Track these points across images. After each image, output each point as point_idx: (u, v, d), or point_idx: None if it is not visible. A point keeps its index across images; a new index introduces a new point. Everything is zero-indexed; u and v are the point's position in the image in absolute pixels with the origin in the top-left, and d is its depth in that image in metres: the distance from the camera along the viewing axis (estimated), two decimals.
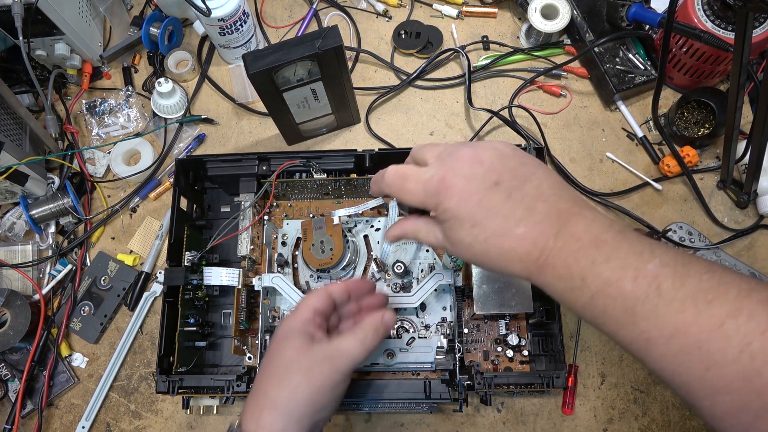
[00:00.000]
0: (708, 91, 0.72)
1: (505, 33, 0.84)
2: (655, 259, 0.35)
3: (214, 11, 0.71)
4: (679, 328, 0.32)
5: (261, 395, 0.45)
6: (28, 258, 0.75)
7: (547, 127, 0.78)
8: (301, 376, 0.44)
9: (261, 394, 0.45)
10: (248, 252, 0.67)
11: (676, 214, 0.73)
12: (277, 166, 0.68)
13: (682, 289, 0.33)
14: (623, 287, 0.35)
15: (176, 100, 0.79)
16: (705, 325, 0.32)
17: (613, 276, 0.35)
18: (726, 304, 0.32)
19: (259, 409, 0.44)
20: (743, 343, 0.30)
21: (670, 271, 0.34)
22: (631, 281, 0.34)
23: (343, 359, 0.46)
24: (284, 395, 0.44)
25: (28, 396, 0.70)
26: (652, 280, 0.34)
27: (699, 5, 0.69)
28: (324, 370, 0.45)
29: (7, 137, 0.69)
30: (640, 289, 0.34)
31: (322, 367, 0.45)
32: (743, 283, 0.32)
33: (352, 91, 0.73)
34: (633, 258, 0.35)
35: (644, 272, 0.34)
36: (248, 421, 0.44)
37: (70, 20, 0.75)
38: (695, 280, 0.33)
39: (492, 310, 0.63)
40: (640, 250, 0.36)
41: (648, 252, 0.35)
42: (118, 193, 0.79)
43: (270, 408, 0.43)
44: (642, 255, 0.35)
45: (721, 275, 0.33)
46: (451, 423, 0.67)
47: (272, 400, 0.44)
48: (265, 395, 0.44)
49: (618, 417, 0.66)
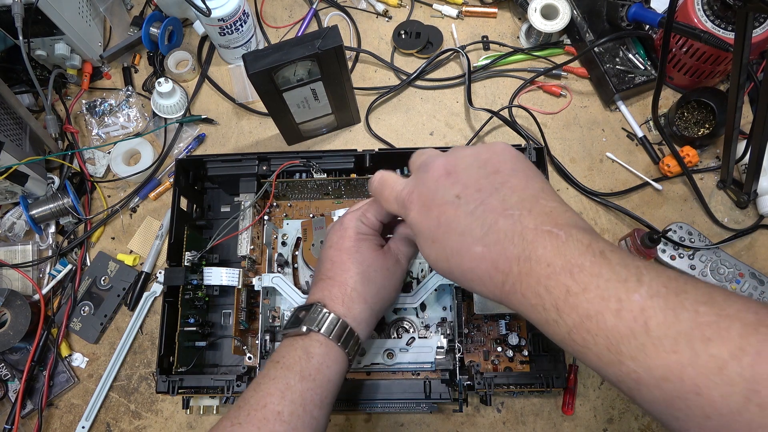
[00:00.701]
0: (708, 91, 0.72)
1: (505, 33, 0.84)
2: (642, 287, 0.29)
3: (214, 11, 0.71)
4: (672, 370, 0.28)
5: (345, 287, 0.48)
6: (28, 258, 0.75)
7: (547, 127, 0.78)
8: (383, 276, 0.50)
9: (346, 287, 0.48)
10: (248, 252, 0.67)
11: (676, 214, 0.73)
12: (277, 166, 0.68)
13: (675, 326, 0.28)
14: (604, 322, 0.30)
15: (176, 100, 0.79)
16: (703, 368, 0.27)
17: (592, 308, 0.30)
18: (728, 342, 0.27)
19: (349, 299, 0.48)
20: (749, 390, 0.26)
21: (661, 303, 0.29)
22: (613, 315, 0.29)
23: (408, 258, 0.52)
24: (372, 292, 0.49)
25: (28, 396, 0.70)
26: (639, 313, 0.29)
27: (699, 5, 0.69)
28: (396, 270, 0.51)
29: (7, 137, 0.69)
30: (624, 324, 0.29)
31: (395, 268, 0.51)
32: (749, 315, 0.27)
33: (352, 91, 0.73)
34: (615, 287, 0.30)
35: (629, 304, 0.29)
36: (336, 304, 0.48)
37: (70, 20, 0.75)
38: (690, 313, 0.28)
39: (492, 310, 0.63)
40: (625, 276, 0.30)
41: (634, 279, 0.30)
42: (118, 193, 0.79)
43: (360, 301, 0.48)
44: (627, 282, 0.30)
45: (723, 305, 0.28)
46: (451, 423, 0.67)
47: (361, 294, 0.48)
48: (353, 289, 0.48)
49: (618, 417, 0.66)
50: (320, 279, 0.50)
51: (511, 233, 0.34)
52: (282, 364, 0.45)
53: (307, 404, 0.44)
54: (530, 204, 0.35)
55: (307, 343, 0.46)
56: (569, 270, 0.31)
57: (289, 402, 0.43)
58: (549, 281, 0.32)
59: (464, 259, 0.36)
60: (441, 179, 0.39)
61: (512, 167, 0.38)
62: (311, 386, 0.44)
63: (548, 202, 0.36)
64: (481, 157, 0.39)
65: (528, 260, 0.33)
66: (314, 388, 0.45)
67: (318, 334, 0.46)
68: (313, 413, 0.44)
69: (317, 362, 0.46)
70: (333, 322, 0.47)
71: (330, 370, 0.46)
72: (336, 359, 0.47)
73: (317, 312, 0.47)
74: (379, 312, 0.51)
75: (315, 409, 0.44)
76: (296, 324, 0.47)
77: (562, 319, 0.32)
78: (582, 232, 0.33)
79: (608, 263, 0.31)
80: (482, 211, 0.36)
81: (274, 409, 0.42)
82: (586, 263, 0.31)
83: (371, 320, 0.50)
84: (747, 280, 0.68)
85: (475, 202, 0.36)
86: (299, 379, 0.44)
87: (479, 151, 0.39)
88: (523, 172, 0.38)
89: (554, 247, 0.32)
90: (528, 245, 0.33)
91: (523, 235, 0.34)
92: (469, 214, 0.36)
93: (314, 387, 0.45)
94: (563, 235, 0.33)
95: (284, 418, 0.42)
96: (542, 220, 0.34)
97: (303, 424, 0.43)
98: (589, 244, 0.32)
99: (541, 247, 0.33)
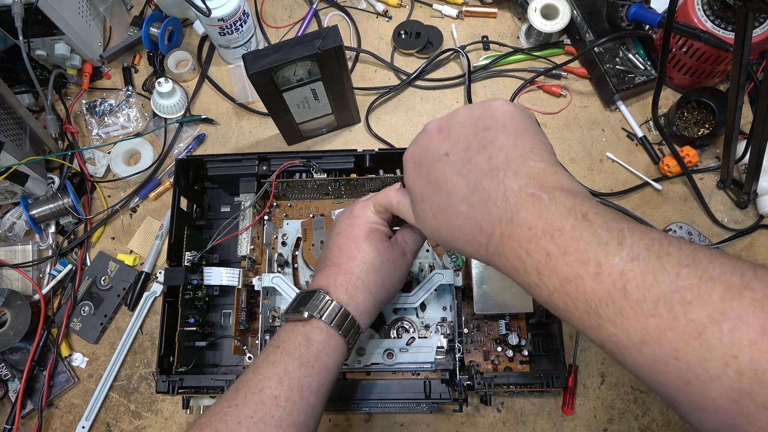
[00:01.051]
0: (708, 91, 0.72)
1: (505, 33, 0.84)
2: (623, 251, 0.29)
3: (214, 11, 0.71)
4: (651, 334, 0.27)
5: (350, 276, 0.48)
6: (28, 258, 0.75)
7: (547, 127, 0.78)
8: (388, 268, 0.49)
9: (351, 275, 0.48)
10: (248, 252, 0.67)
11: (676, 214, 0.74)
12: (277, 166, 0.68)
13: (654, 289, 0.27)
14: (583, 286, 0.29)
15: (176, 100, 0.79)
16: (682, 332, 0.26)
17: (571, 272, 0.30)
18: (708, 306, 0.26)
19: (353, 288, 0.48)
20: (728, 356, 0.25)
21: (641, 265, 0.28)
22: (592, 279, 0.29)
23: (413, 252, 0.52)
24: (377, 283, 0.49)
25: (28, 396, 0.70)
26: (618, 277, 0.28)
27: (699, 5, 0.69)
28: (402, 263, 0.51)
29: (7, 137, 0.69)
30: (603, 288, 0.29)
31: (401, 261, 0.51)
32: (734, 278, 0.26)
33: (352, 91, 0.73)
34: (595, 250, 0.29)
35: (608, 267, 0.29)
36: (339, 292, 0.47)
37: (70, 20, 0.75)
38: (671, 276, 0.27)
39: (492, 310, 0.63)
40: (607, 239, 0.29)
41: (615, 242, 0.29)
42: (118, 193, 0.79)
43: (364, 291, 0.48)
44: (607, 246, 0.29)
45: (707, 267, 0.27)
46: (451, 423, 0.67)
47: (366, 284, 0.48)
48: (358, 278, 0.48)
49: (618, 417, 0.66)
50: (326, 265, 0.50)
51: (495, 194, 0.33)
52: (282, 349, 0.45)
53: (304, 390, 0.44)
54: (516, 164, 0.34)
55: (308, 330, 0.46)
56: (550, 233, 0.31)
57: (286, 387, 0.43)
58: (530, 245, 0.31)
59: (450, 216, 0.36)
60: (433, 135, 0.39)
61: (503, 123, 0.36)
62: (309, 373, 0.44)
63: (536, 162, 0.34)
64: (474, 114, 0.37)
65: (510, 223, 0.32)
66: (312, 374, 0.45)
67: (319, 321, 0.46)
68: (309, 400, 0.44)
69: (317, 349, 0.45)
70: (335, 310, 0.46)
71: (329, 358, 0.46)
72: (335, 348, 0.47)
73: (320, 298, 0.47)
74: (381, 303, 0.51)
75: (311, 396, 0.44)
76: (298, 309, 0.47)
77: (543, 283, 0.31)
78: (567, 194, 0.32)
79: (590, 226, 0.30)
80: (468, 170, 0.35)
81: (271, 394, 0.42)
82: (567, 226, 0.30)
83: (373, 311, 0.50)
84: None
85: (462, 160, 0.36)
86: (298, 365, 0.44)
87: (473, 107, 0.38)
88: (514, 129, 0.36)
89: (536, 210, 0.32)
90: (511, 207, 0.33)
91: (506, 197, 0.33)
92: (455, 173, 0.36)
93: (312, 374, 0.45)
94: (546, 197, 0.32)
95: (280, 403, 0.42)
96: (527, 182, 0.33)
97: (299, 410, 0.43)
98: (572, 207, 0.31)
99: (524, 210, 0.32)
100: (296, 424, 0.43)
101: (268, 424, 0.41)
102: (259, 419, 0.41)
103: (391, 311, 0.67)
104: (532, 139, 0.36)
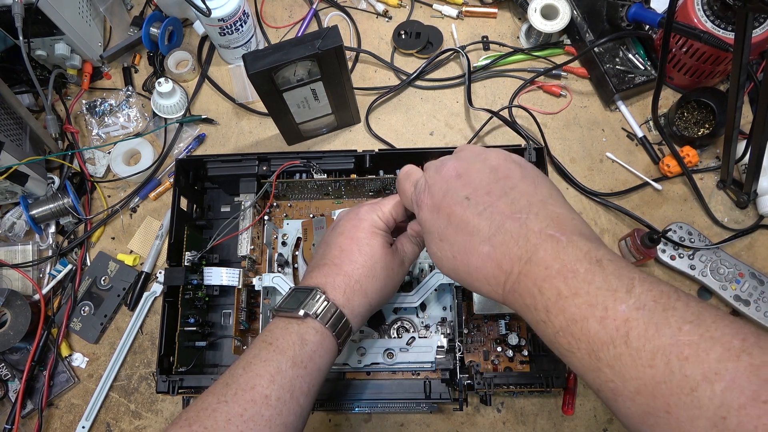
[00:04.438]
0: (708, 91, 0.72)
1: (505, 33, 0.84)
2: (631, 299, 0.30)
3: (214, 11, 0.71)
4: (646, 384, 0.28)
5: (350, 279, 0.48)
6: (28, 258, 0.75)
7: (547, 127, 0.78)
8: (386, 275, 0.50)
9: (349, 278, 0.48)
10: (248, 252, 0.67)
11: (676, 214, 0.74)
12: (277, 167, 0.68)
13: (655, 340, 0.28)
14: (588, 328, 0.30)
15: (176, 100, 0.79)
16: (676, 387, 0.27)
17: (579, 313, 0.31)
18: (703, 364, 0.26)
19: (351, 291, 0.48)
20: (717, 417, 0.25)
21: (645, 315, 0.29)
22: (597, 322, 0.30)
23: (411, 261, 0.53)
24: (375, 288, 0.49)
25: (28, 396, 0.70)
26: (622, 323, 0.29)
27: (699, 5, 0.69)
28: (400, 271, 0.52)
29: (7, 137, 0.69)
30: (606, 332, 0.30)
31: (399, 269, 0.51)
32: (735, 341, 0.27)
33: (352, 91, 0.73)
34: (604, 295, 0.30)
35: (614, 313, 0.30)
36: (337, 294, 0.47)
37: (70, 20, 0.75)
38: (673, 330, 0.28)
39: (492, 310, 0.63)
40: (616, 286, 0.31)
41: (624, 289, 0.30)
42: (118, 193, 0.79)
43: (361, 295, 0.48)
44: (616, 292, 0.30)
45: (710, 326, 0.28)
46: (451, 423, 0.67)
47: (364, 288, 0.48)
48: (357, 281, 0.48)
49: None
50: (325, 264, 0.50)
51: (517, 235, 0.35)
52: (275, 346, 0.45)
53: (295, 391, 0.44)
54: (537, 208, 0.36)
55: (303, 329, 0.46)
56: (564, 274, 0.32)
57: (278, 387, 0.43)
58: (544, 283, 0.33)
59: (471, 257, 0.38)
60: (452, 180, 0.40)
61: (522, 174, 0.39)
62: (302, 373, 0.44)
63: (556, 207, 0.37)
64: (491, 163, 0.40)
65: (528, 262, 0.34)
66: (304, 375, 0.44)
67: (315, 321, 0.46)
68: (299, 400, 0.44)
69: (311, 350, 0.45)
70: (332, 311, 0.46)
71: (322, 359, 0.46)
72: (328, 349, 0.47)
73: (317, 298, 0.46)
74: (375, 308, 0.51)
75: (302, 397, 0.44)
76: (293, 306, 0.47)
77: (550, 321, 0.33)
78: (584, 239, 0.34)
79: (602, 272, 0.32)
80: (491, 212, 0.37)
81: (263, 392, 0.42)
82: (581, 269, 0.32)
83: (366, 315, 0.50)
84: (747, 280, 0.68)
85: (484, 204, 0.38)
86: (291, 365, 0.44)
87: (488, 157, 0.41)
88: (532, 179, 0.39)
89: (554, 250, 0.33)
90: (531, 247, 0.34)
91: (527, 237, 0.35)
92: (477, 215, 0.37)
93: (304, 375, 0.44)
94: (564, 240, 0.34)
95: (271, 403, 0.42)
96: (547, 224, 0.35)
97: (289, 411, 0.43)
98: (588, 252, 0.33)
99: (542, 250, 0.34)
100: (286, 424, 0.42)
101: (258, 423, 0.41)
102: (249, 418, 0.41)
103: (391, 311, 0.67)
104: (549, 188, 0.39)
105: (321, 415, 0.68)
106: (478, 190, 0.39)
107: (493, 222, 0.37)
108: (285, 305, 0.48)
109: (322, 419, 0.68)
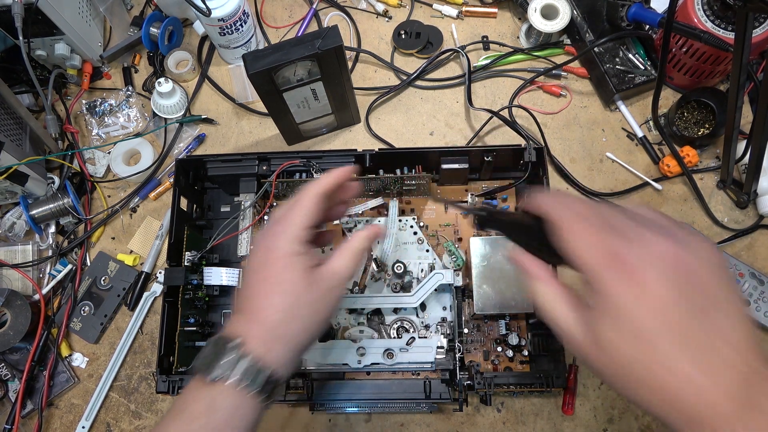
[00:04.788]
0: (708, 91, 0.72)
1: (505, 33, 0.84)
2: None
3: (214, 11, 0.71)
4: None
5: (266, 327, 0.42)
6: (28, 258, 0.75)
7: (547, 127, 0.78)
8: (313, 310, 0.44)
9: (266, 326, 0.42)
10: (248, 252, 0.67)
11: (676, 214, 0.73)
12: (277, 166, 0.68)
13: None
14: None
15: (176, 100, 0.79)
16: None
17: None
18: None
19: (270, 339, 0.42)
20: None
21: None
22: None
23: (340, 285, 0.46)
24: (298, 330, 0.43)
25: (28, 396, 0.70)
26: None
27: (699, 5, 0.69)
28: (331, 298, 0.45)
29: (7, 137, 0.69)
30: None
31: (329, 296, 0.45)
32: None
33: (352, 91, 0.73)
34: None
35: None
36: (255, 344, 0.41)
37: (70, 20, 0.75)
38: None
39: (492, 310, 0.63)
40: None
41: None
42: (118, 193, 0.79)
43: (281, 342, 0.42)
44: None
45: None
46: (451, 423, 0.67)
47: (284, 335, 0.43)
48: (274, 328, 0.42)
49: (618, 417, 0.66)
50: (240, 309, 0.44)
51: (738, 369, 0.29)
52: (187, 414, 0.40)
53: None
54: (751, 335, 0.31)
55: (213, 393, 0.40)
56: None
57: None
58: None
59: (670, 376, 0.31)
60: (679, 270, 0.32)
61: (729, 280, 0.32)
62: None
63: (756, 341, 0.31)
64: (709, 260, 0.32)
65: (750, 408, 0.29)
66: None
67: (226, 384, 0.40)
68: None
69: (223, 417, 0.39)
70: (250, 369, 0.40)
71: (241, 422, 0.40)
72: (247, 412, 0.41)
73: (230, 355, 0.40)
74: (306, 347, 0.45)
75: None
76: (205, 364, 0.41)
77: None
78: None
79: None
80: (707, 327, 0.30)
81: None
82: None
83: (295, 359, 0.44)
84: (747, 280, 0.68)
85: (701, 312, 0.31)
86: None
87: (700, 251, 0.32)
88: (737, 292, 0.32)
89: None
90: (753, 388, 0.29)
91: (748, 375, 0.29)
92: (696, 326, 0.31)
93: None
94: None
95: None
96: (762, 360, 0.30)
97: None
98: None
99: (763, 394, 0.29)
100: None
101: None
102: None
103: (391, 311, 0.67)
104: (746, 309, 0.34)
105: (321, 415, 0.68)
106: (697, 292, 0.31)
107: (708, 341, 0.30)
108: (199, 363, 0.41)
109: (322, 419, 0.68)
